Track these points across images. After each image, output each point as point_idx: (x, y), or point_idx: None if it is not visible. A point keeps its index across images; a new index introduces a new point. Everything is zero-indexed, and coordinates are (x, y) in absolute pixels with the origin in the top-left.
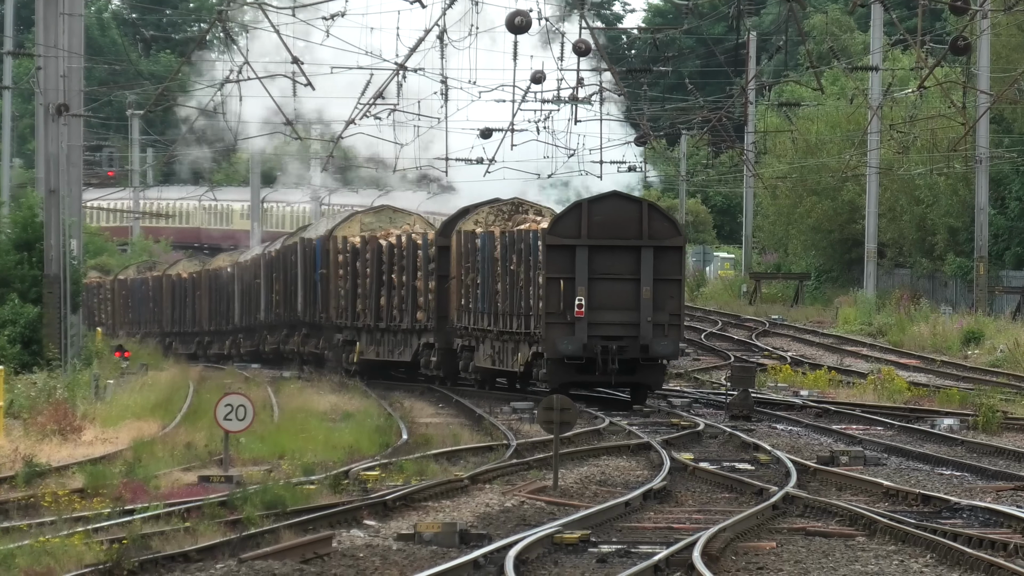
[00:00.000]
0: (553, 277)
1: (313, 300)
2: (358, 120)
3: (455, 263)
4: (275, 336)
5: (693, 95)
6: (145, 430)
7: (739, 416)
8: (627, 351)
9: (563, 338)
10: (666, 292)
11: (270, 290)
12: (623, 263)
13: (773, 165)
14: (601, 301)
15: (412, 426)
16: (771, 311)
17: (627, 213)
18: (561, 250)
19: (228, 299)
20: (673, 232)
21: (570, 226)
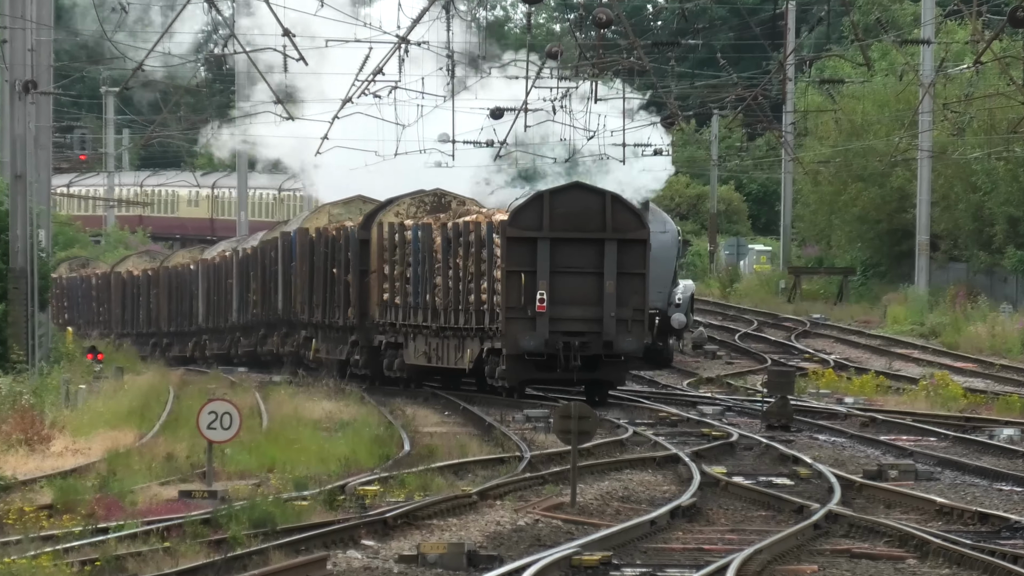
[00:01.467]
0: (513, 271)
1: (288, 296)
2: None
3: (375, 257)
4: (250, 338)
5: (726, 71)
6: (120, 440)
7: (777, 426)
8: (590, 347)
9: (524, 334)
10: (630, 287)
11: (245, 289)
12: (586, 256)
13: (814, 148)
14: (563, 296)
15: (415, 436)
16: (812, 310)
17: (590, 205)
18: (522, 243)
19: (191, 298)
20: (637, 224)
21: (531, 218)
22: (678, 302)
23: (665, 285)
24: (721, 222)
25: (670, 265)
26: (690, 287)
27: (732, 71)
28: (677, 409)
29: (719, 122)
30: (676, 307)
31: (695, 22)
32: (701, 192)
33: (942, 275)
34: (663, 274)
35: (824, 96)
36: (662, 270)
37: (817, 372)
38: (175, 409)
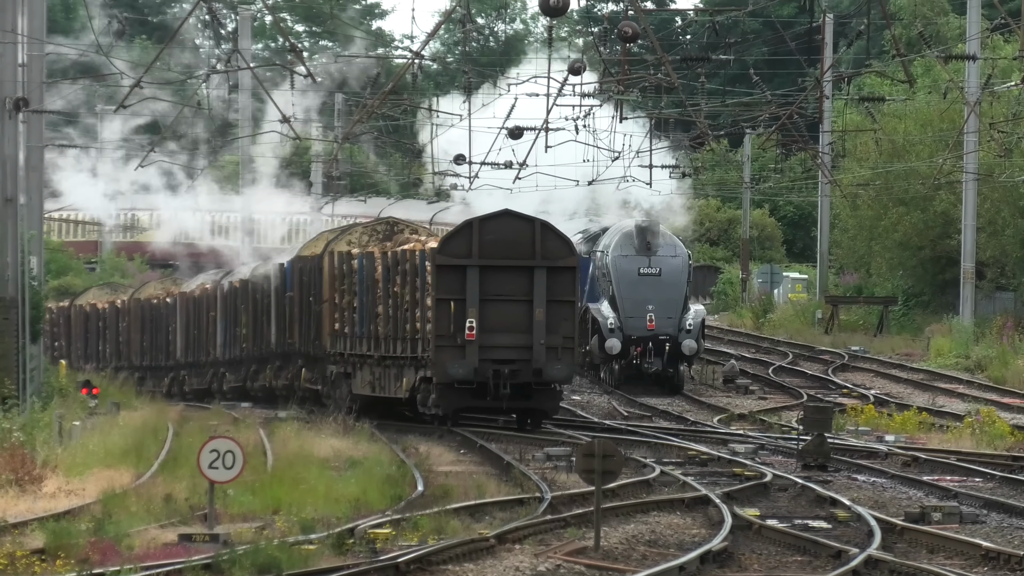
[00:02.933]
0: (443, 298)
1: (282, 328)
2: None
3: (327, 286)
4: (238, 373)
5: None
6: (116, 480)
7: (813, 465)
8: (519, 375)
9: (453, 362)
10: (560, 314)
11: (232, 323)
12: (515, 284)
13: (853, 170)
14: (493, 323)
15: (429, 475)
16: (851, 341)
17: (520, 232)
18: (451, 270)
19: (167, 332)
20: (567, 252)
21: (461, 245)
22: (689, 327)
23: (676, 310)
24: (754, 248)
25: (680, 290)
26: (701, 312)
27: (766, 88)
28: (707, 447)
29: (752, 142)
30: (687, 333)
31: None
32: (733, 216)
33: (988, 305)
34: (673, 299)
35: (863, 115)
36: (672, 295)
37: (856, 408)
38: (174, 447)
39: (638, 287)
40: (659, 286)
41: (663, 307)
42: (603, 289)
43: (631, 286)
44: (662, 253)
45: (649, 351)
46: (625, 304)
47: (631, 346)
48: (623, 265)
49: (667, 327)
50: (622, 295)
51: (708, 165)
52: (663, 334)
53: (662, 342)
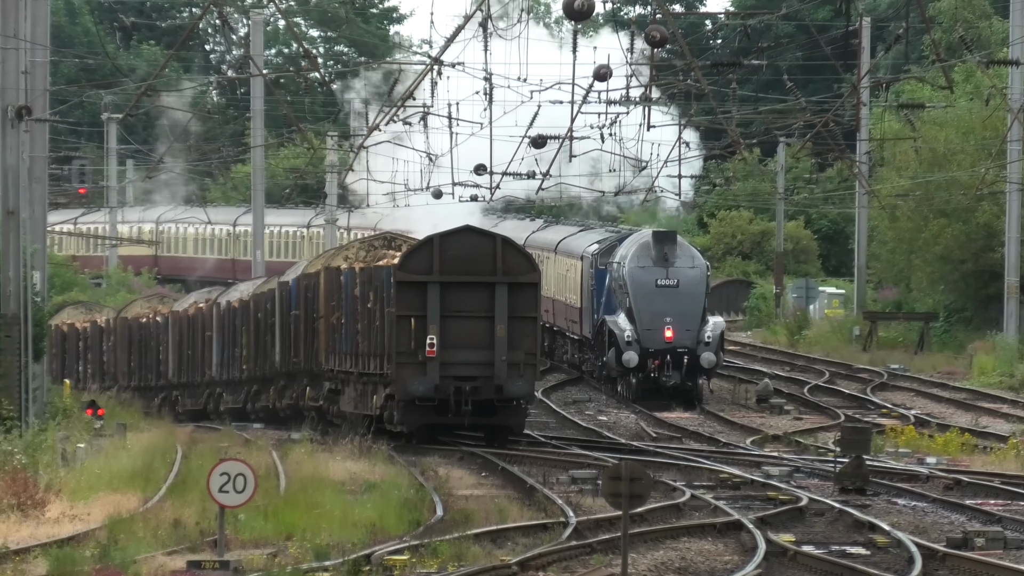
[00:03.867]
0: (404, 315)
1: (287, 347)
2: (383, 126)
3: (323, 303)
4: (237, 394)
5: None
6: (123, 504)
7: (851, 488)
8: (481, 391)
9: (414, 378)
10: (521, 330)
11: (230, 343)
12: (477, 300)
13: (892, 180)
14: (454, 340)
15: (448, 499)
16: (890, 359)
17: (481, 248)
18: (412, 287)
19: (157, 351)
20: (528, 268)
21: (422, 262)
22: (708, 340)
23: (694, 323)
24: (788, 262)
25: (699, 302)
26: (720, 325)
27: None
28: (740, 470)
29: (786, 151)
30: (705, 345)
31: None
32: (766, 229)
33: None
34: (692, 311)
35: (902, 122)
36: (691, 307)
37: (896, 429)
38: (183, 470)
39: (655, 299)
40: (677, 298)
41: (681, 319)
42: (620, 301)
43: (648, 298)
44: (680, 264)
45: (667, 364)
46: (642, 316)
47: (648, 359)
48: (640, 276)
49: (685, 340)
50: (639, 307)
51: (740, 175)
52: (681, 347)
53: (680, 355)
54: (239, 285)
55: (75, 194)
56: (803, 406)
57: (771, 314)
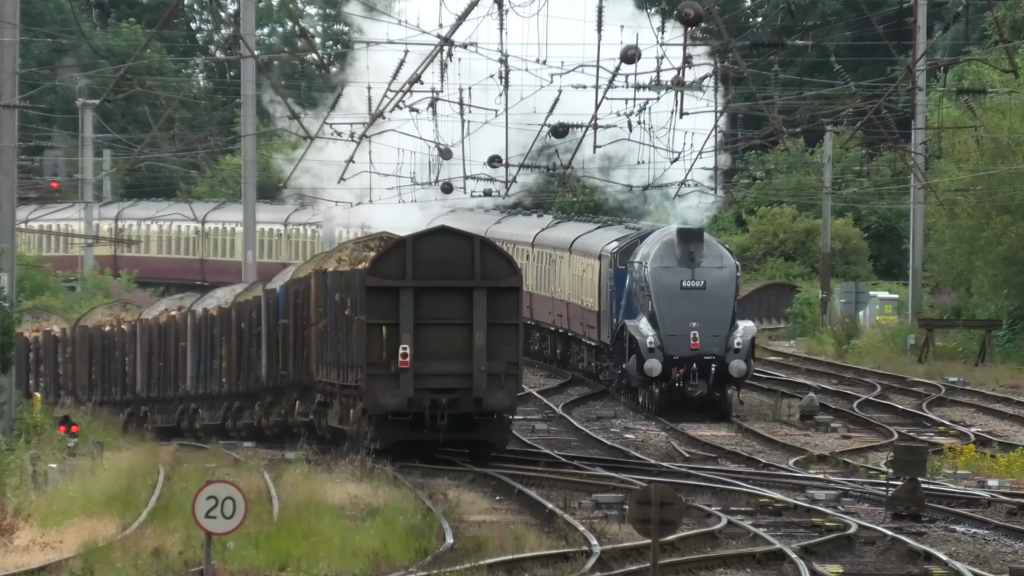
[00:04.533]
0: (375, 323)
1: (274, 360)
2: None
3: (313, 309)
4: (215, 410)
5: (841, 78)
6: (99, 531)
7: (905, 514)
8: (459, 405)
9: (386, 391)
10: (502, 338)
11: (208, 355)
12: (453, 306)
13: (950, 173)
14: (429, 349)
15: (459, 525)
16: (948, 371)
17: (457, 250)
18: (383, 292)
19: (122, 364)
20: (509, 271)
21: (394, 265)
22: (737, 347)
23: (722, 328)
24: (836, 263)
25: (727, 305)
26: (751, 330)
27: (849, 78)
28: (781, 494)
29: (833, 140)
30: (735, 353)
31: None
32: (811, 227)
33: None
34: (720, 315)
35: (962, 109)
36: (718, 311)
37: (954, 449)
38: (166, 493)
39: (680, 302)
40: (704, 301)
41: (708, 324)
42: (641, 304)
43: (672, 301)
44: (707, 264)
45: (693, 373)
46: (666, 321)
47: (672, 368)
48: (663, 278)
49: (713, 346)
50: (662, 311)
51: (782, 167)
52: (708, 354)
53: (707, 363)
54: (216, 292)
55: (47, 188)
56: (852, 423)
57: (816, 321)
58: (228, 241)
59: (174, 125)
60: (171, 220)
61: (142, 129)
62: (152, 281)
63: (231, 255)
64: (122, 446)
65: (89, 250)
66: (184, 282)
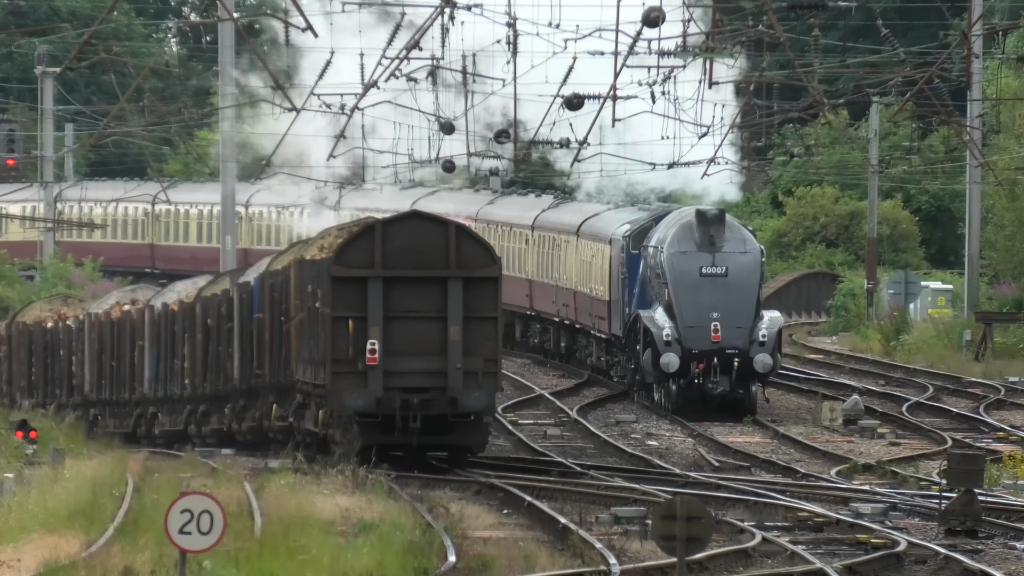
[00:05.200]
0: (340, 316)
1: (247, 359)
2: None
3: (293, 301)
4: (177, 415)
5: (889, 44)
6: (61, 548)
7: (960, 530)
8: (432, 405)
9: (352, 391)
10: (480, 333)
11: (169, 355)
12: (427, 298)
13: (1011, 150)
14: (400, 345)
15: (462, 542)
16: (1008, 371)
17: (431, 238)
18: (350, 283)
19: (68, 363)
20: (487, 260)
21: (361, 253)
22: (762, 339)
23: (746, 319)
24: (883, 250)
25: (751, 294)
26: (777, 320)
27: (898, 44)
28: (822, 507)
29: (880, 113)
30: (760, 346)
31: None
32: (856, 209)
33: None
34: (743, 305)
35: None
36: (742, 300)
37: (1015, 456)
38: (135, 506)
39: (700, 291)
40: (726, 289)
41: (730, 315)
42: (657, 293)
43: (691, 289)
44: (729, 249)
45: (714, 368)
46: (684, 311)
47: (691, 362)
48: (681, 264)
49: (735, 339)
50: (680, 300)
51: (824, 143)
52: (731, 347)
53: (729, 357)
54: (176, 285)
55: (2, 165)
56: (901, 428)
57: (862, 315)
58: (182, 224)
59: (144, 96)
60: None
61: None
62: (118, 270)
63: (185, 240)
64: (86, 454)
65: (49, 235)
66: (132, 269)
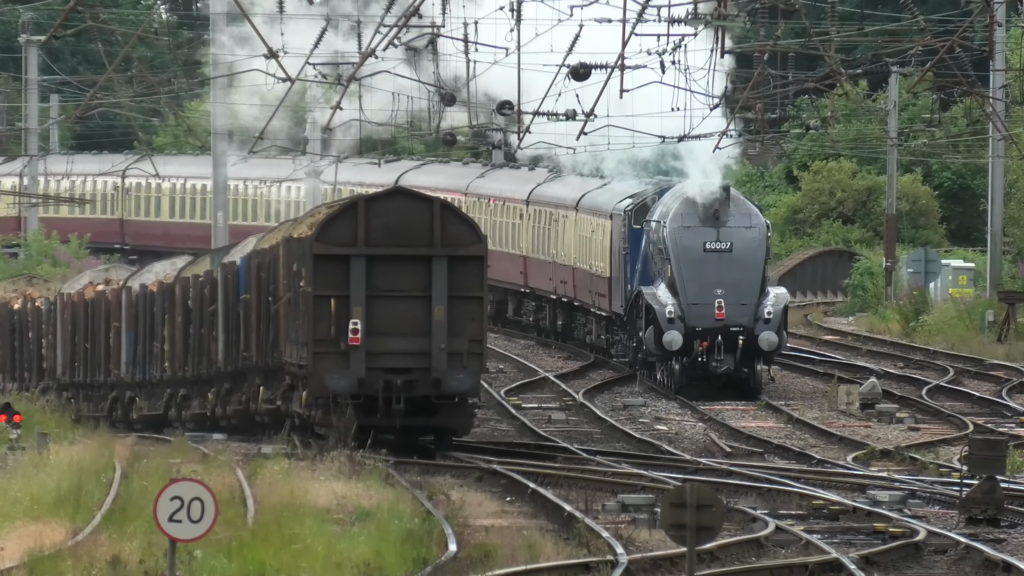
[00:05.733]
0: (322, 295)
1: (232, 341)
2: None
3: (281, 281)
4: (156, 399)
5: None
6: (46, 537)
7: (981, 518)
8: (416, 387)
9: (334, 371)
10: (465, 312)
11: (148, 337)
12: (410, 277)
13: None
14: (383, 325)
15: (463, 531)
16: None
17: (415, 215)
18: (332, 261)
19: (38, 344)
20: (472, 238)
21: (344, 231)
22: (767, 316)
23: (751, 295)
24: (903, 227)
25: (757, 270)
26: (783, 297)
27: (917, 11)
28: (838, 495)
29: (900, 84)
30: (765, 323)
31: None
32: (874, 184)
33: None
34: (748, 281)
35: None
36: (747, 276)
37: None
38: (123, 493)
39: (704, 266)
40: (730, 265)
41: (735, 291)
42: (659, 269)
43: (695, 265)
44: (734, 223)
45: (718, 346)
46: (687, 288)
47: (695, 340)
48: (685, 239)
49: (740, 316)
50: (684, 276)
51: (840, 115)
52: (735, 325)
53: (734, 335)
54: (154, 266)
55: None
56: (920, 412)
57: (880, 295)
58: (154, 199)
59: (132, 65)
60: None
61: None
62: (104, 247)
63: (156, 215)
64: (72, 438)
65: (33, 211)
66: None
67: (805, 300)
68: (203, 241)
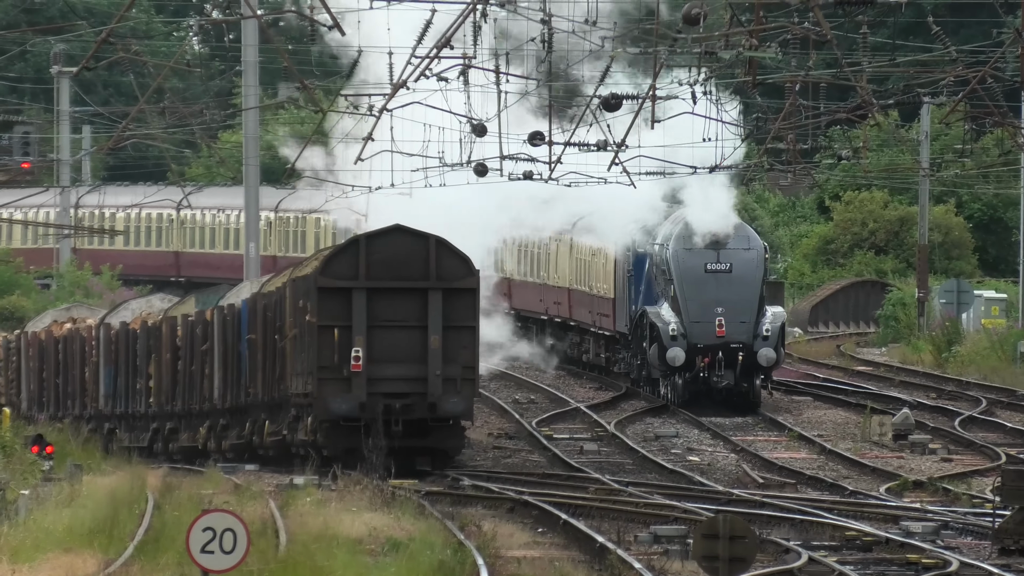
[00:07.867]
0: (326, 325)
1: (233, 379)
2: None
3: (288, 317)
4: (140, 432)
5: (940, 42)
6: (79, 568)
7: (1014, 549)
8: (413, 410)
9: (337, 396)
10: (458, 341)
11: (132, 373)
12: (408, 308)
13: None
14: (383, 352)
15: (495, 562)
16: None
17: (412, 250)
18: (335, 293)
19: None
20: (465, 272)
21: (346, 266)
22: (766, 334)
23: (750, 314)
24: (935, 258)
25: (755, 289)
26: (780, 315)
27: (949, 42)
28: (871, 526)
29: (932, 114)
30: (763, 340)
31: None
32: (906, 215)
33: None
34: (747, 300)
35: None
36: (746, 295)
37: None
38: (155, 524)
39: (704, 286)
40: (730, 285)
41: (735, 310)
42: (662, 289)
43: (696, 285)
44: (733, 245)
45: (718, 362)
46: (689, 307)
47: (697, 356)
48: (686, 260)
49: (740, 333)
50: (686, 296)
51: (873, 145)
52: (735, 342)
53: (734, 351)
54: (131, 304)
55: (18, 169)
56: (953, 444)
57: (912, 325)
58: (209, 231)
59: (164, 97)
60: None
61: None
62: (141, 278)
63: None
64: (103, 469)
65: (66, 242)
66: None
67: (838, 331)
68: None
